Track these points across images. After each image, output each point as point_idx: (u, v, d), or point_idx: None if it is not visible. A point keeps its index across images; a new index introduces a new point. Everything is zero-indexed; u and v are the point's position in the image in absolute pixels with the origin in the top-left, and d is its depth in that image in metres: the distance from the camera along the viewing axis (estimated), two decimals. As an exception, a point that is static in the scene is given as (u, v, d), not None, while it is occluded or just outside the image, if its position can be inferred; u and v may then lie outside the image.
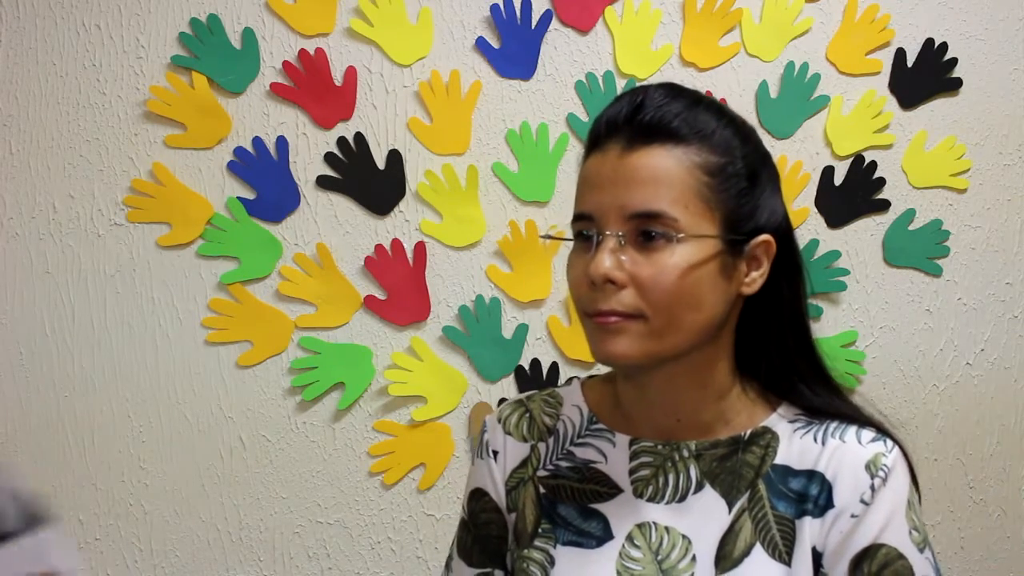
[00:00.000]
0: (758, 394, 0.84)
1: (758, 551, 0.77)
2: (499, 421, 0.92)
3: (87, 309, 1.52)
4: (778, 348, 0.83)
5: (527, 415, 0.91)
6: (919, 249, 1.80)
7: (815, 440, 0.80)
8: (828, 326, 1.77)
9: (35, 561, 0.60)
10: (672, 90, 0.77)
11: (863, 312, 1.79)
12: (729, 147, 0.76)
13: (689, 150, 0.74)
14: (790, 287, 0.82)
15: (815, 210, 1.75)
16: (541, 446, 0.88)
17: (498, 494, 0.89)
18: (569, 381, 0.93)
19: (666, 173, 0.74)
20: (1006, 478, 1.89)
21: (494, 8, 1.60)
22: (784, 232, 0.80)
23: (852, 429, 0.80)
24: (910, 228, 1.79)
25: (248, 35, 1.53)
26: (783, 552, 0.77)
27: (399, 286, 1.60)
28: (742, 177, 0.76)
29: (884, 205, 1.78)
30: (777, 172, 0.82)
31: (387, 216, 1.60)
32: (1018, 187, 1.85)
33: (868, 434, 0.80)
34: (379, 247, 1.59)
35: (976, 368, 1.86)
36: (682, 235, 0.73)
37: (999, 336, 1.86)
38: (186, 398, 1.55)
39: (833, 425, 0.81)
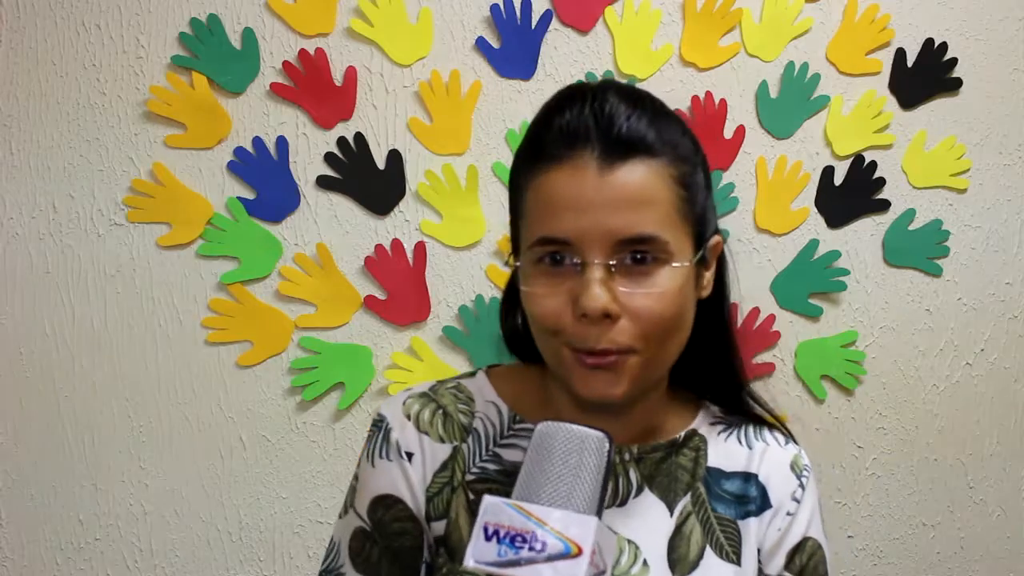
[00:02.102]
0: (682, 395, 0.85)
1: (709, 554, 0.78)
2: (408, 418, 0.80)
3: (87, 309, 1.52)
4: (716, 350, 0.82)
5: (440, 411, 0.81)
6: (919, 249, 1.80)
7: (740, 442, 0.83)
8: (828, 326, 1.77)
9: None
10: (628, 95, 0.72)
11: (863, 312, 1.79)
12: (691, 155, 0.73)
13: (664, 162, 0.70)
14: (723, 284, 0.82)
15: (815, 210, 1.75)
16: (464, 447, 0.79)
17: (415, 501, 0.78)
18: (473, 373, 0.85)
19: (652, 192, 0.69)
20: (1006, 478, 1.89)
21: (494, 8, 1.60)
22: (719, 230, 0.80)
23: (766, 431, 0.85)
24: (910, 228, 1.79)
25: (248, 35, 1.53)
26: (730, 553, 0.79)
27: (399, 286, 1.60)
28: (703, 185, 0.75)
29: (884, 205, 1.78)
30: None
31: (387, 216, 1.60)
32: (1018, 187, 1.85)
33: (780, 436, 0.85)
34: (379, 247, 1.59)
35: (976, 368, 1.86)
36: (670, 261, 0.69)
37: (999, 336, 1.86)
38: (186, 398, 1.55)
39: (750, 427, 0.84)
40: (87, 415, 1.53)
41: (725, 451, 0.82)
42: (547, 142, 0.71)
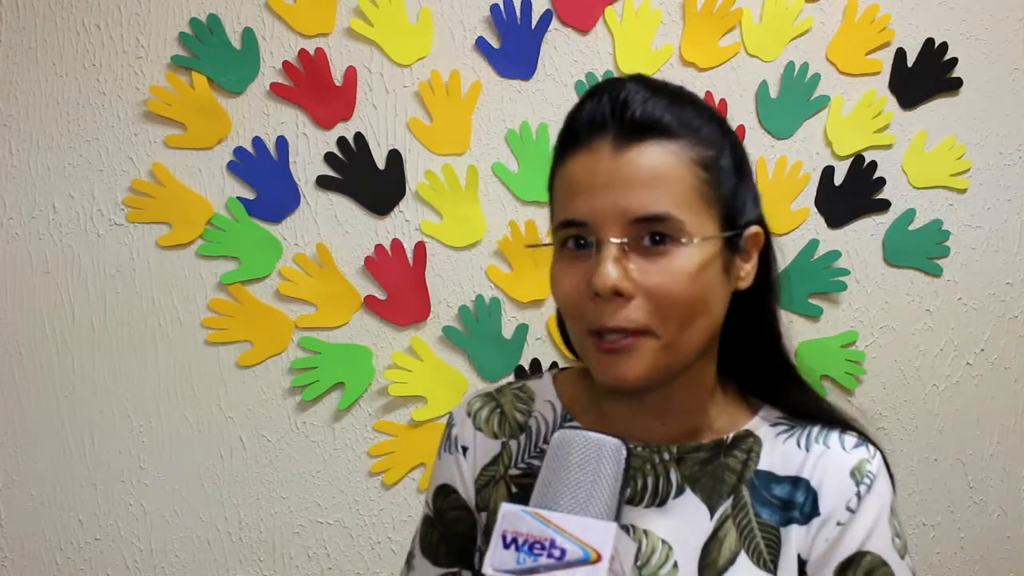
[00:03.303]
0: (738, 396, 0.82)
1: (743, 559, 0.76)
2: (468, 415, 0.87)
3: (87, 309, 1.52)
4: (760, 346, 0.80)
5: (498, 410, 0.86)
6: (919, 249, 1.80)
7: (798, 445, 0.78)
8: (828, 326, 1.77)
9: None
10: (649, 84, 0.73)
11: (863, 312, 1.79)
12: (716, 140, 0.73)
13: (682, 144, 0.70)
14: (769, 281, 0.80)
15: (815, 210, 1.75)
16: (512, 443, 0.84)
17: (467, 491, 0.85)
18: (540, 375, 0.88)
19: (666, 171, 0.69)
20: (1006, 478, 1.89)
21: (494, 8, 1.60)
22: (764, 224, 0.78)
23: (835, 434, 0.79)
24: (910, 228, 1.79)
25: (248, 35, 1.53)
26: (768, 560, 0.76)
27: (399, 286, 1.60)
28: (732, 170, 0.74)
29: (884, 205, 1.78)
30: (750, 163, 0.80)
31: (387, 216, 1.60)
32: (1018, 187, 1.84)
33: (851, 439, 0.79)
34: (379, 247, 1.59)
35: (976, 368, 1.86)
36: (689, 238, 0.69)
37: (999, 336, 1.86)
38: (186, 398, 1.55)
39: (815, 429, 0.79)
40: (87, 415, 1.53)
41: (781, 454, 0.78)
42: (569, 134, 0.74)
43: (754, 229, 0.75)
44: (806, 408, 0.81)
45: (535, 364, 1.65)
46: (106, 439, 1.54)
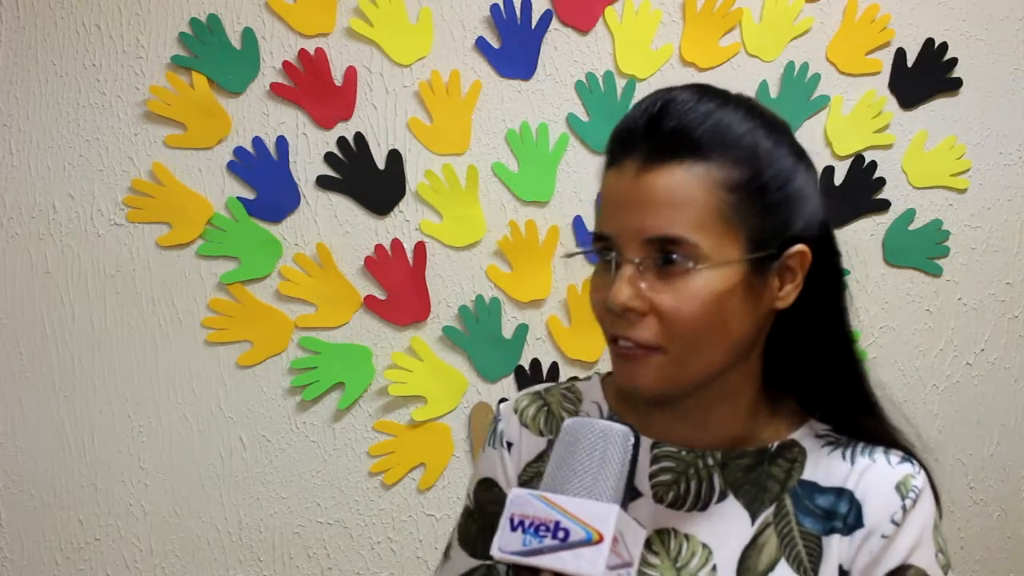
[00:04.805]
0: (789, 407, 0.82)
1: (783, 566, 0.76)
2: (515, 412, 0.88)
3: (87, 309, 1.52)
4: (812, 362, 0.81)
5: (545, 408, 0.87)
6: (919, 249, 1.80)
7: (843, 458, 0.79)
8: (828, 326, 1.77)
9: None
10: (699, 91, 0.73)
11: (863, 312, 1.78)
12: (756, 155, 0.72)
13: (710, 166, 0.70)
14: (828, 296, 0.79)
15: (815, 210, 1.75)
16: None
17: (509, 486, 0.86)
18: (589, 377, 0.90)
19: (684, 195, 0.69)
20: (1006, 478, 1.89)
21: (494, 8, 1.60)
22: (822, 237, 0.77)
23: (880, 449, 0.80)
24: (910, 228, 1.79)
25: (248, 35, 1.53)
26: (808, 568, 0.76)
27: (399, 286, 1.60)
28: (771, 190, 0.72)
29: (884, 205, 1.78)
30: (815, 171, 0.78)
31: (387, 216, 1.60)
32: (1018, 187, 1.85)
33: (896, 455, 0.80)
34: (379, 247, 1.59)
35: (976, 368, 1.86)
36: (703, 264, 0.69)
37: (999, 336, 1.86)
38: (186, 398, 1.55)
39: (860, 444, 0.80)
40: (87, 415, 1.53)
41: (826, 466, 0.79)
42: (609, 148, 0.76)
43: (797, 248, 0.73)
44: (856, 426, 0.81)
45: (535, 364, 1.65)
46: (106, 439, 1.53)
